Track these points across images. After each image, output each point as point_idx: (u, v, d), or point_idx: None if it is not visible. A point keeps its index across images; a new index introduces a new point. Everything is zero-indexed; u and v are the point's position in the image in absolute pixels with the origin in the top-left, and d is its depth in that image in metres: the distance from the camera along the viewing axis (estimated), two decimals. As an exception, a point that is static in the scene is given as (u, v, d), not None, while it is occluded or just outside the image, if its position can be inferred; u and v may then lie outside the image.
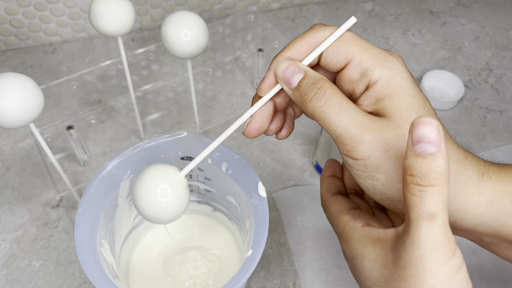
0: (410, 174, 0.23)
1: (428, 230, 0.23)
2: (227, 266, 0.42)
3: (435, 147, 0.23)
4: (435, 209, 0.23)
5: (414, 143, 0.23)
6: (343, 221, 0.30)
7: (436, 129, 0.22)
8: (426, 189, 0.23)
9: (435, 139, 0.22)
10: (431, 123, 0.22)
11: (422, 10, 0.71)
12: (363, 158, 0.26)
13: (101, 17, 0.40)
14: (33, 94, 0.34)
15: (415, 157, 0.23)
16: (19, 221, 0.47)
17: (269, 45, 0.64)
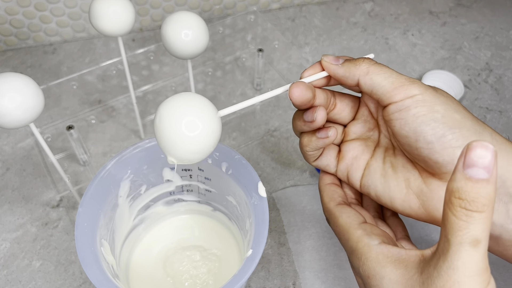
0: (458, 197, 0.23)
1: (470, 256, 0.23)
2: (227, 266, 0.42)
3: (489, 173, 0.22)
4: (481, 236, 0.22)
5: (466, 166, 0.22)
6: (355, 236, 0.29)
7: (492, 155, 0.22)
8: (474, 214, 0.22)
9: (489, 164, 0.22)
10: (488, 148, 0.22)
11: (422, 10, 0.71)
12: (420, 92, 0.30)
13: (101, 17, 0.40)
14: (33, 94, 0.34)
15: (465, 180, 0.22)
16: (19, 221, 0.47)
17: (269, 45, 0.64)
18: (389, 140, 0.33)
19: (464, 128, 0.29)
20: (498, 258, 0.44)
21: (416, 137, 0.29)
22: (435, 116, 0.29)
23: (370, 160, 0.34)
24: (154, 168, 0.39)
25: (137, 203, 0.41)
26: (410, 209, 0.31)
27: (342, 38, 0.66)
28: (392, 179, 0.32)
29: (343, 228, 0.31)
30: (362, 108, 0.34)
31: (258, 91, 0.59)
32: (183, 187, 0.42)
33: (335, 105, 0.34)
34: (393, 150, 0.33)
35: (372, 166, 0.33)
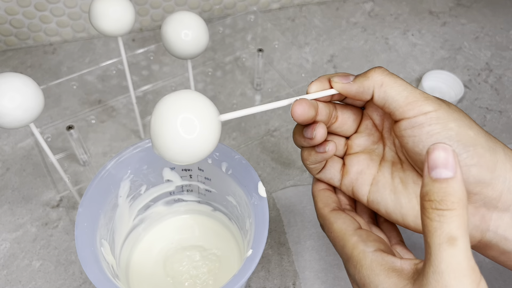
0: (428, 200, 0.23)
1: (450, 257, 0.23)
2: (227, 266, 0.42)
3: (452, 171, 0.23)
4: (456, 233, 0.23)
5: (430, 169, 0.23)
6: (351, 243, 0.29)
7: (452, 154, 0.23)
8: (445, 213, 0.23)
9: (451, 163, 0.23)
10: (445, 148, 0.23)
11: (422, 10, 0.71)
12: (434, 109, 0.28)
13: (101, 17, 0.40)
14: (33, 94, 0.34)
15: (432, 182, 0.23)
16: (19, 221, 0.47)
17: (269, 45, 0.64)
18: (395, 154, 0.33)
19: (478, 146, 0.28)
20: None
21: None
22: (449, 134, 0.28)
23: (377, 175, 0.33)
24: (154, 168, 0.39)
25: (137, 203, 0.41)
26: None
27: (342, 38, 0.66)
28: (403, 195, 0.31)
29: (338, 234, 0.30)
30: (366, 121, 0.34)
31: (258, 91, 0.59)
32: (183, 187, 0.42)
33: (336, 118, 0.33)
34: (400, 164, 0.32)
35: (380, 182, 0.32)
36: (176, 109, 0.27)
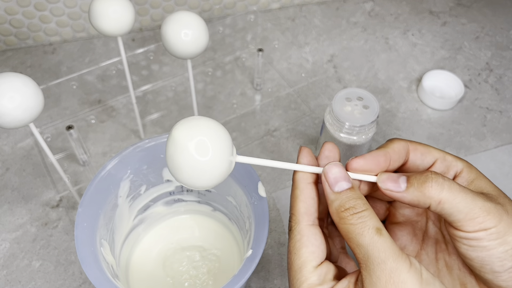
0: (344, 210, 0.26)
1: (385, 243, 0.25)
2: (227, 266, 0.41)
3: (350, 182, 0.27)
4: (378, 225, 0.25)
5: (332, 186, 0.27)
6: (306, 283, 0.27)
7: (343, 168, 0.28)
8: (363, 213, 0.26)
9: (347, 176, 0.27)
10: (336, 163, 0.28)
11: (422, 10, 0.71)
12: (495, 225, 0.27)
13: (101, 17, 0.40)
14: (33, 94, 0.34)
15: (339, 195, 0.27)
16: (19, 221, 0.47)
17: (269, 45, 0.64)
18: (438, 230, 0.31)
19: None
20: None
21: (482, 264, 0.27)
22: (506, 249, 0.27)
23: (420, 253, 0.31)
24: (154, 168, 0.39)
25: (137, 203, 0.41)
26: None
27: (342, 38, 0.66)
28: (447, 280, 0.30)
29: (299, 260, 0.27)
30: None
31: (258, 91, 0.59)
32: (183, 187, 0.42)
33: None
34: (445, 245, 0.31)
35: (424, 262, 0.31)
36: (194, 139, 0.26)
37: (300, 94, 0.58)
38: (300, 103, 0.57)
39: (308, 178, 0.29)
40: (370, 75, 0.61)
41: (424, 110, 0.58)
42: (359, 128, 0.43)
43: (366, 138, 0.45)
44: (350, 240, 0.26)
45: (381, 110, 0.57)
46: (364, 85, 0.60)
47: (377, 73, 0.62)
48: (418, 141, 0.32)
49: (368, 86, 0.60)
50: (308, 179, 0.29)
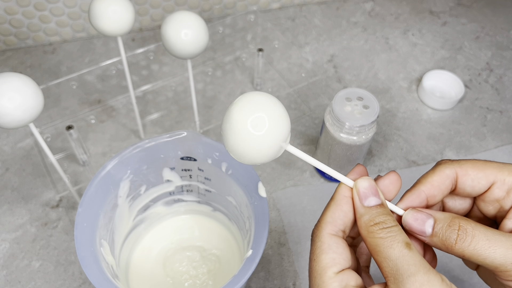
0: (374, 224, 0.26)
1: (414, 257, 0.25)
2: (227, 266, 0.41)
3: (379, 198, 0.27)
4: (408, 240, 0.25)
5: (362, 199, 0.27)
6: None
7: (374, 183, 0.28)
8: (393, 228, 0.26)
9: (377, 191, 0.28)
10: (369, 179, 0.28)
11: (422, 10, 0.71)
12: None
13: (101, 17, 0.40)
14: (33, 94, 0.34)
15: (369, 209, 0.27)
16: (19, 221, 0.47)
17: (269, 45, 0.64)
18: None
19: None
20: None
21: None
22: None
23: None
24: (154, 168, 0.39)
25: (137, 203, 0.41)
26: None
27: (342, 38, 0.66)
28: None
29: (320, 267, 0.27)
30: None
31: (258, 91, 0.59)
32: (183, 187, 0.42)
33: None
34: None
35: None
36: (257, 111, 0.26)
37: (300, 94, 0.58)
38: (300, 103, 0.57)
39: (347, 192, 0.28)
40: (370, 75, 0.61)
41: (424, 110, 0.58)
42: (359, 128, 0.43)
43: (366, 138, 0.44)
44: (378, 253, 0.26)
45: (381, 110, 0.57)
46: (364, 85, 0.60)
47: (377, 73, 0.62)
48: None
49: (368, 86, 0.60)
50: (346, 192, 0.28)
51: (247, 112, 0.26)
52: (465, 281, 0.43)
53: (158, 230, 0.44)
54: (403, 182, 0.50)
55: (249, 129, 0.26)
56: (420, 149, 0.53)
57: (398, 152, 0.53)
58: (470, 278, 0.43)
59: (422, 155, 0.53)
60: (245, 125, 0.26)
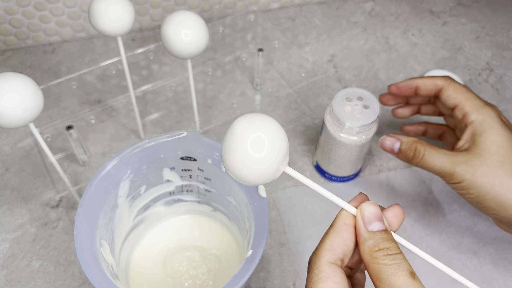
0: (378, 250, 0.26)
1: (418, 287, 0.25)
2: (227, 266, 0.41)
3: (383, 223, 0.27)
4: (412, 269, 0.26)
5: (367, 223, 0.27)
6: None
7: (379, 209, 0.28)
8: (398, 256, 0.26)
9: (381, 216, 0.27)
10: (374, 204, 0.28)
11: (422, 10, 0.71)
12: (458, 182, 0.38)
13: (101, 17, 0.40)
14: (33, 94, 0.34)
15: (373, 234, 0.27)
16: (19, 221, 0.47)
17: (269, 45, 0.64)
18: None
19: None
20: (499, 258, 0.45)
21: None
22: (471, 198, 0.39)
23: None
24: (153, 168, 0.39)
25: (137, 203, 0.41)
26: None
27: (342, 37, 0.66)
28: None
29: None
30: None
31: (258, 91, 0.59)
32: (183, 187, 0.42)
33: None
34: None
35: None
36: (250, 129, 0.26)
37: (300, 94, 0.58)
38: (300, 103, 0.57)
39: (347, 220, 0.28)
40: (370, 75, 0.61)
41: (424, 110, 0.58)
42: (359, 128, 0.43)
43: (366, 138, 0.44)
44: (381, 280, 0.25)
45: (381, 110, 0.57)
46: (364, 85, 0.60)
47: (377, 73, 0.62)
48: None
49: (368, 86, 0.60)
50: (347, 220, 0.28)
51: (249, 132, 0.26)
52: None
53: (158, 230, 0.44)
54: (403, 182, 0.51)
55: (249, 151, 0.26)
56: (420, 149, 0.53)
57: (398, 152, 0.53)
58: (470, 279, 0.43)
59: (422, 155, 0.53)
60: (246, 147, 0.26)
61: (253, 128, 0.26)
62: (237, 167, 0.26)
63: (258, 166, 0.26)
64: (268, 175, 0.27)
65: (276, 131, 0.27)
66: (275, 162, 0.26)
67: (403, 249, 0.28)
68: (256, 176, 0.27)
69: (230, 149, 0.26)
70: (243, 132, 0.26)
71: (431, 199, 0.49)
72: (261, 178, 0.27)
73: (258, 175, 0.26)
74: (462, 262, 0.44)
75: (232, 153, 0.26)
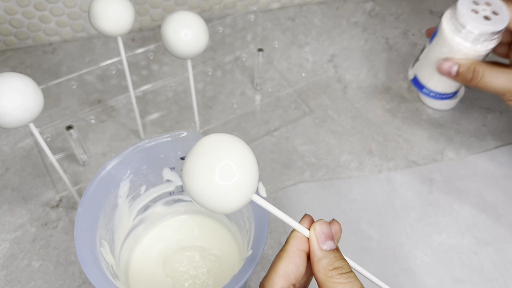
0: (333, 269, 0.27)
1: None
2: (227, 266, 0.41)
3: (334, 242, 0.28)
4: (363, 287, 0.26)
5: (321, 242, 0.27)
6: None
7: (329, 227, 0.28)
8: (351, 274, 0.27)
9: (332, 236, 0.28)
10: (327, 223, 0.28)
11: (422, 10, 0.71)
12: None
13: (101, 17, 0.40)
14: (33, 94, 0.34)
15: (328, 253, 0.27)
16: (19, 221, 0.47)
17: (269, 45, 0.64)
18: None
19: None
20: (499, 258, 0.45)
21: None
22: None
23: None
24: (153, 168, 0.39)
25: (137, 203, 0.41)
26: None
27: (342, 37, 0.66)
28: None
29: None
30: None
31: (258, 91, 0.59)
32: (183, 187, 0.42)
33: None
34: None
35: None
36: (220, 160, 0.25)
37: (300, 94, 0.58)
38: (300, 103, 0.57)
39: (300, 245, 0.28)
40: (370, 75, 0.61)
41: (424, 110, 0.58)
42: (482, 34, 0.40)
43: (487, 50, 0.41)
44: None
45: (381, 110, 0.57)
46: (364, 85, 0.60)
47: (377, 73, 0.62)
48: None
49: (368, 86, 0.60)
50: (300, 245, 0.28)
51: (214, 160, 0.24)
52: (465, 281, 0.43)
53: (158, 230, 0.44)
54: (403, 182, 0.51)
55: (216, 180, 0.24)
56: (420, 149, 0.53)
57: (398, 152, 0.53)
58: (470, 279, 0.43)
59: (422, 155, 0.53)
60: (213, 175, 0.24)
61: (223, 153, 0.25)
62: (203, 194, 0.25)
63: (227, 195, 0.25)
64: (237, 205, 0.26)
65: (248, 156, 0.26)
66: (247, 190, 0.26)
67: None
68: (223, 205, 0.26)
69: (196, 174, 0.24)
70: (213, 158, 0.24)
71: (431, 199, 0.49)
72: (228, 208, 0.26)
73: (225, 205, 0.26)
74: (462, 262, 0.44)
75: (198, 179, 0.24)
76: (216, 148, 0.25)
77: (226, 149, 0.25)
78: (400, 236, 0.46)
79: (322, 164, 0.52)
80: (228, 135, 0.26)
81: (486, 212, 0.47)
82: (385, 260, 0.44)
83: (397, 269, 0.43)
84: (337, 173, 0.51)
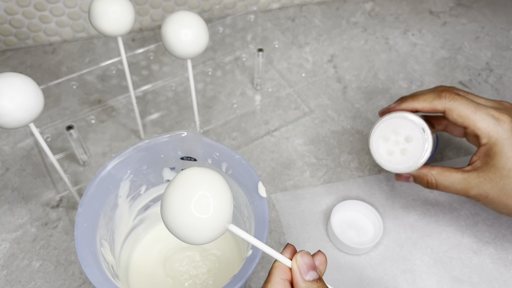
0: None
1: None
2: (227, 266, 0.41)
3: (317, 272, 0.28)
4: None
5: (304, 273, 0.28)
6: None
7: (311, 258, 0.28)
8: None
9: (315, 266, 0.28)
10: (308, 254, 0.28)
11: (422, 10, 0.71)
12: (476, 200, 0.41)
13: (101, 17, 0.40)
14: (33, 94, 0.34)
15: (311, 284, 0.27)
16: (19, 221, 0.47)
17: (269, 45, 0.64)
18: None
19: None
20: (499, 258, 0.45)
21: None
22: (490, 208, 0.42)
23: None
24: (154, 168, 0.39)
25: (137, 203, 0.41)
26: None
27: (342, 38, 0.66)
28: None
29: None
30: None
31: (258, 91, 0.59)
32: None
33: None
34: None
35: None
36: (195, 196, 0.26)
37: (300, 94, 0.58)
38: (300, 103, 0.57)
39: (283, 274, 0.29)
40: (370, 75, 0.61)
41: (424, 110, 0.58)
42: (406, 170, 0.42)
43: (420, 165, 0.41)
44: None
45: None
46: (364, 85, 0.60)
47: (377, 73, 0.62)
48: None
49: (368, 86, 0.60)
50: (283, 274, 0.29)
51: (190, 193, 0.25)
52: (465, 281, 0.43)
53: (158, 230, 0.44)
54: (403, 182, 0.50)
55: (193, 212, 0.25)
56: (420, 149, 0.53)
57: (398, 152, 0.53)
58: (470, 278, 0.43)
59: (422, 155, 0.53)
60: (189, 207, 0.25)
61: (198, 186, 0.26)
62: (181, 228, 0.26)
63: (203, 227, 0.26)
64: (213, 235, 0.27)
65: (223, 189, 0.26)
66: (222, 221, 0.26)
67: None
68: (198, 237, 0.26)
69: (173, 207, 0.26)
70: (189, 191, 0.25)
71: (431, 199, 0.49)
72: (205, 239, 0.27)
73: (200, 236, 0.26)
74: (462, 262, 0.44)
75: (175, 212, 0.26)
76: (191, 181, 0.26)
77: (200, 182, 0.26)
78: (400, 236, 0.46)
79: (322, 164, 0.52)
80: (204, 169, 0.27)
81: (486, 212, 0.47)
82: (385, 260, 0.44)
83: (396, 269, 0.43)
84: (337, 173, 0.51)
